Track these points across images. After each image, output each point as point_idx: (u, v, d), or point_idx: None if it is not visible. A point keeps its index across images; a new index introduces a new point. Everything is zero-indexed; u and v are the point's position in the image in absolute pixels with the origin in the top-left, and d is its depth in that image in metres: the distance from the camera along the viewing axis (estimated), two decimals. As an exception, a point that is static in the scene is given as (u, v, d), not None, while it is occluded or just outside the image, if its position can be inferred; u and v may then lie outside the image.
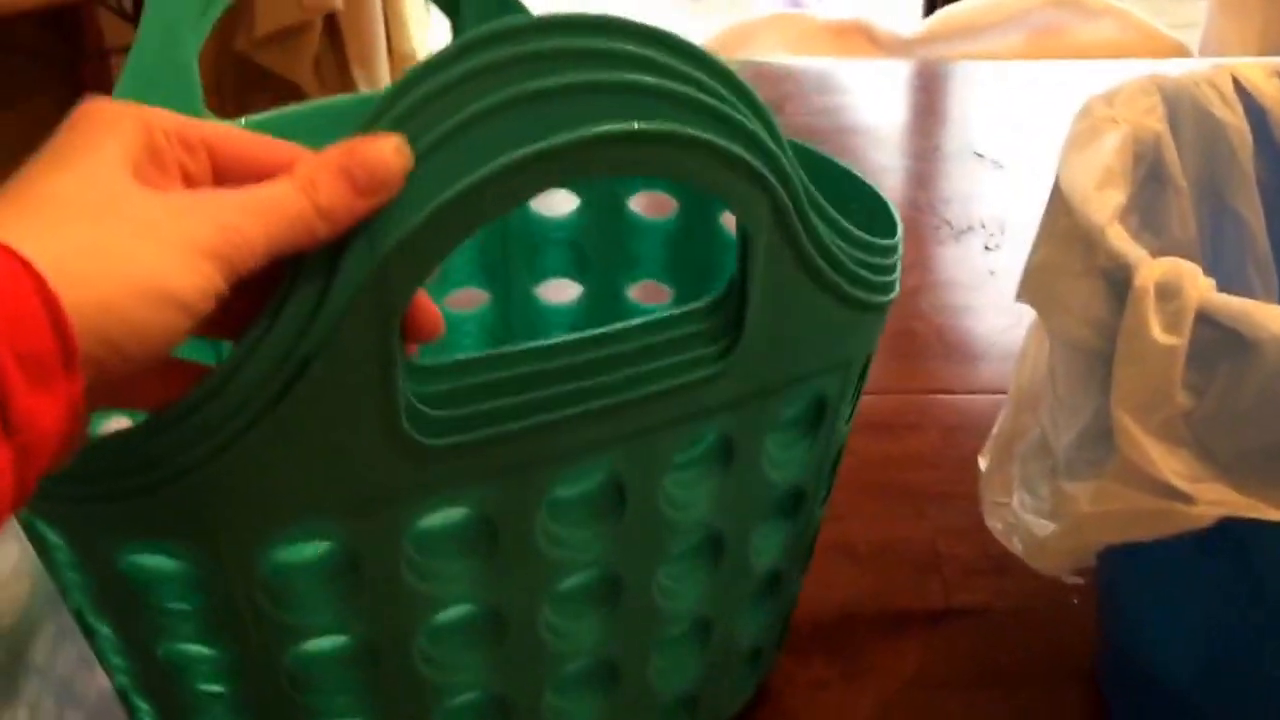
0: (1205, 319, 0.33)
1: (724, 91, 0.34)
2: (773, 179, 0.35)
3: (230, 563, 0.34)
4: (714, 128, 0.33)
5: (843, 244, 0.38)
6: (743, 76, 0.34)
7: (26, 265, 0.25)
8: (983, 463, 0.48)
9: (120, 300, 0.26)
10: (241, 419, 0.31)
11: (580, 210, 0.59)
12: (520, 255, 0.61)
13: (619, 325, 0.36)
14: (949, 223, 0.90)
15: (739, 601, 0.46)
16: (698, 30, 1.96)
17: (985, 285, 0.83)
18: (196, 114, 0.48)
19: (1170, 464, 0.34)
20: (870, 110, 1.14)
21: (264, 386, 0.31)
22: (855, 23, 1.63)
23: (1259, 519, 0.33)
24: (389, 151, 0.30)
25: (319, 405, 0.32)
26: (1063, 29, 1.55)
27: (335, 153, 0.30)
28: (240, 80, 2.08)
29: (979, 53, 1.59)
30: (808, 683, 0.54)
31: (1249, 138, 0.44)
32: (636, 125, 0.32)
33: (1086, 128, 0.40)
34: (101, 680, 0.51)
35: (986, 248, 0.87)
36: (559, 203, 0.59)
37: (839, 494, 0.50)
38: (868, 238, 0.39)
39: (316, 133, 0.42)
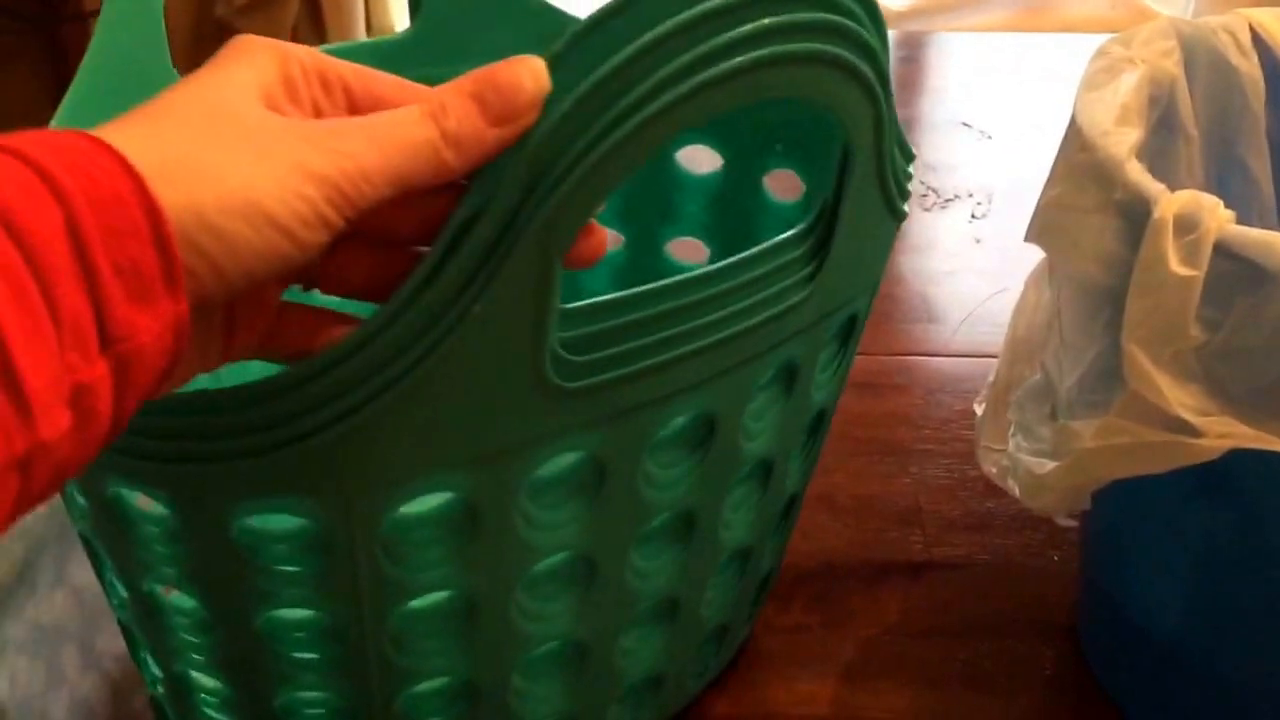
0: (1223, 251, 0.33)
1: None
2: (880, 93, 0.34)
3: (357, 518, 0.33)
4: (842, 44, 0.32)
5: (900, 153, 0.38)
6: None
7: (128, 168, 0.24)
8: (979, 409, 0.48)
9: (209, 208, 0.25)
10: (395, 368, 0.30)
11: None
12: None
13: (737, 257, 0.35)
14: (935, 190, 0.91)
15: (768, 526, 0.47)
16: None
17: (970, 252, 0.83)
18: (164, 69, 0.47)
19: (1179, 397, 0.34)
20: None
21: (421, 336, 0.30)
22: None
23: (1267, 451, 0.33)
24: (524, 75, 0.28)
25: (471, 352, 0.31)
26: (1052, 4, 1.55)
27: (468, 77, 0.28)
28: (219, 46, 2.06)
29: (968, 26, 1.59)
30: (788, 628, 0.55)
31: (1262, 87, 0.45)
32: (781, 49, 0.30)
33: (1103, 67, 0.40)
34: (69, 695, 0.51)
35: (974, 216, 0.87)
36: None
37: (823, 448, 0.50)
38: (908, 144, 0.39)
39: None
